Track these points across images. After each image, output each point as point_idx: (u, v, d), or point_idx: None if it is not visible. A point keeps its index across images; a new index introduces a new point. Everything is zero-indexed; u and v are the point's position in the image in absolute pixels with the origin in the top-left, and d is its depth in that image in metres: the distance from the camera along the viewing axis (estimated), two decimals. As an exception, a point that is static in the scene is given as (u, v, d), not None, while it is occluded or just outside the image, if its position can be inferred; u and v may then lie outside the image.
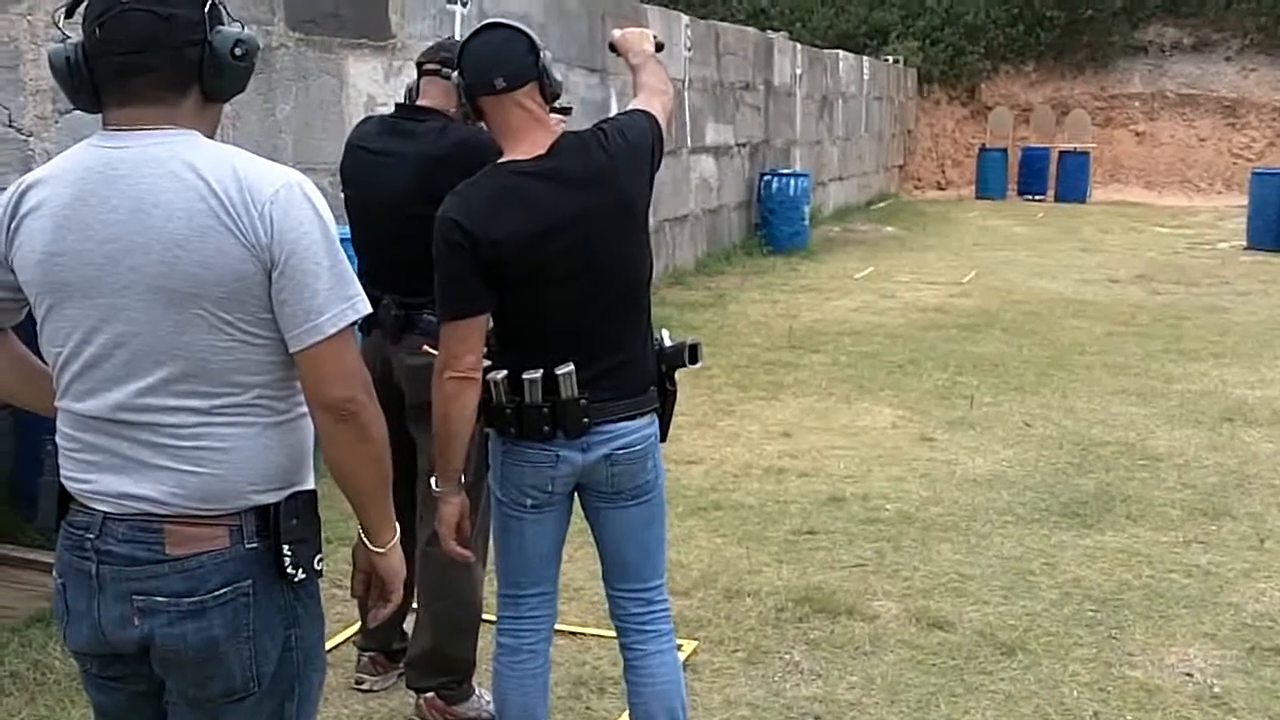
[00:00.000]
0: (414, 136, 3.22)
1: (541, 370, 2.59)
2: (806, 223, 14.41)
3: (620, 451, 2.69)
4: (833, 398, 7.36)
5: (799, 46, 16.62)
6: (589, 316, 2.63)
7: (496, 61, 2.57)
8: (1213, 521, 5.09)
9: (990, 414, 6.92)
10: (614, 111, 10.46)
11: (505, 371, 2.62)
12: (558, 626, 3.06)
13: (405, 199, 3.07)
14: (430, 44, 3.68)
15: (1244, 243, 15.10)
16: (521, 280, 2.57)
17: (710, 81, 13.05)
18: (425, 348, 2.92)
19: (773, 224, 14.35)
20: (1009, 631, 3.99)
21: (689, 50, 12.33)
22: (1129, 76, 23.82)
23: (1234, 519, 5.12)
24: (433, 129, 3.21)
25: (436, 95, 3.29)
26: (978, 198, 21.84)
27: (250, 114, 6.02)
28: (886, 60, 23.14)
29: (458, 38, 3.79)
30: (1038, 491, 5.48)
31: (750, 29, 14.75)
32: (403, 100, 3.43)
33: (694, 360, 2.82)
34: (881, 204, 20.75)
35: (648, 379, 2.74)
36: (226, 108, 2.07)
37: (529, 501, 2.71)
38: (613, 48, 3.01)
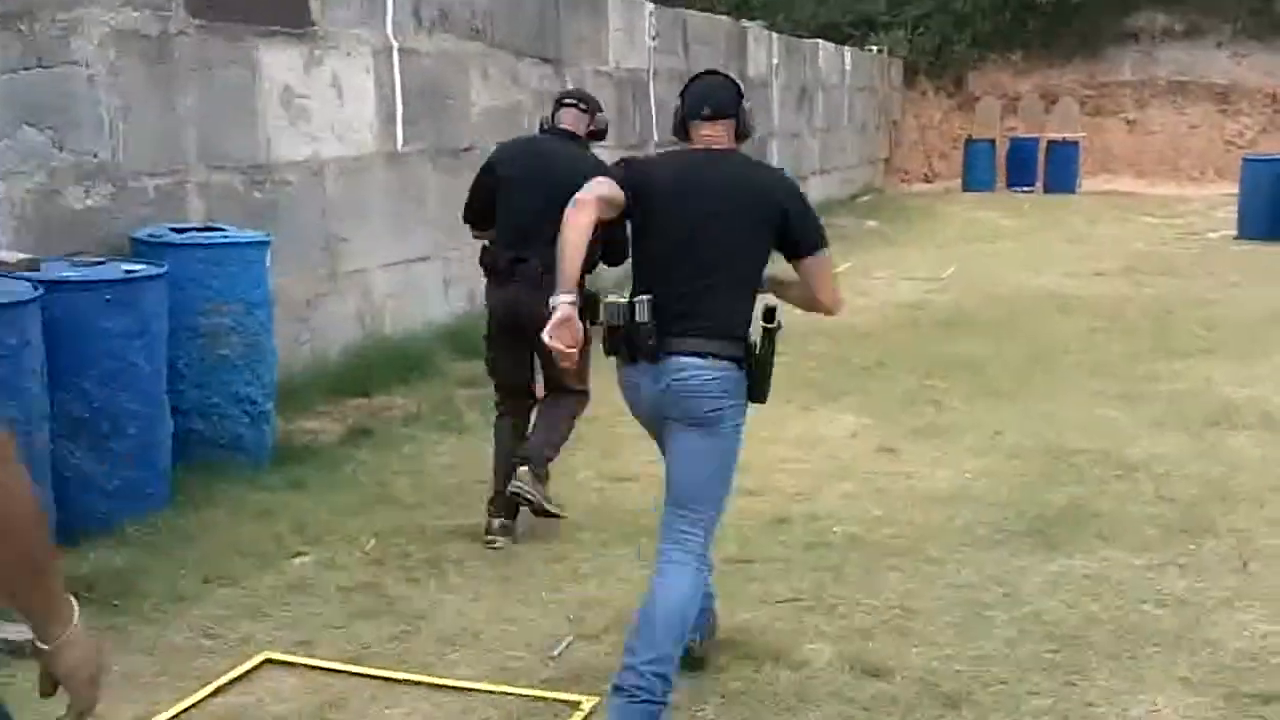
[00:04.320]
0: (565, 152, 4.69)
1: (627, 297, 3.14)
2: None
3: (678, 383, 3.11)
4: (791, 404, 6.86)
5: (775, 36, 16.14)
6: (680, 268, 3.16)
7: (710, 98, 3.36)
8: (1192, 540, 4.61)
9: (960, 421, 6.45)
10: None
11: (608, 300, 3.19)
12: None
13: (557, 193, 3.56)
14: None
15: (1234, 233, 14.64)
16: (647, 212, 3.26)
17: (678, 72, 12.53)
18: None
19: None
20: (955, 680, 3.50)
21: (654, 39, 11.85)
22: (1119, 64, 23.34)
23: (1216, 536, 4.64)
24: (585, 155, 4.71)
25: (570, 121, 4.85)
26: (965, 190, 21.33)
27: (144, 108, 5.53)
28: (870, 51, 22.66)
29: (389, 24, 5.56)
30: (1002, 508, 5.00)
31: (722, 17, 14.29)
32: (542, 124, 5.00)
33: (768, 319, 3.18)
34: (865, 198, 20.23)
35: (728, 334, 3.15)
36: (115, 100, 1.58)
37: (637, 413, 3.35)
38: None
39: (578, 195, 3.16)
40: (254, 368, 5.38)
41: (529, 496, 4.61)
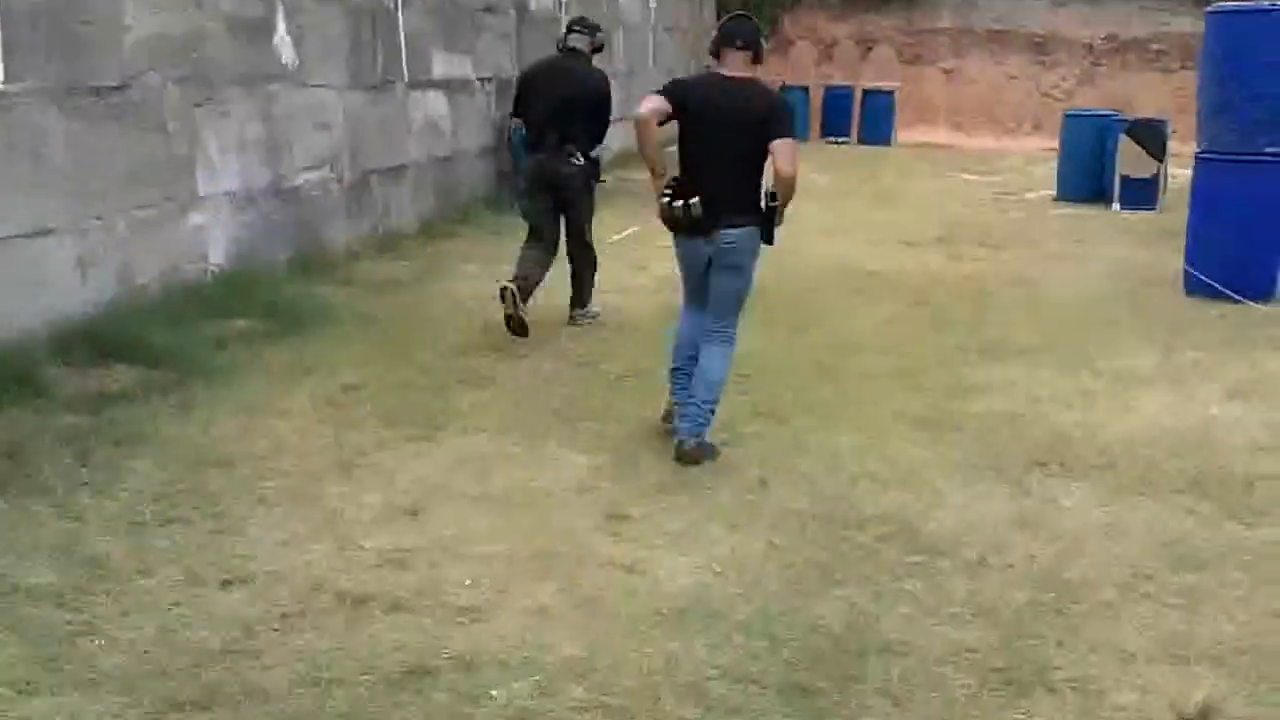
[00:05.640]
0: (577, 65, 7.08)
1: (685, 199, 4.82)
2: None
3: (725, 245, 4.90)
4: (513, 436, 5.26)
5: (563, -36, 14.33)
6: (715, 164, 4.82)
7: (739, 32, 4.90)
8: (1015, 709, 3.14)
9: (716, 462, 4.92)
10: (280, 28, 8.12)
11: (672, 198, 4.87)
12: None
13: (575, 94, 6.94)
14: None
15: (1053, 193, 13.60)
16: (690, 125, 4.89)
17: (431, 4, 10.69)
18: (571, 159, 6.89)
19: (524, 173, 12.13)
20: None
21: (402, -40, 9.95)
22: (937, 11, 22.30)
23: (1050, 691, 3.20)
24: (591, 68, 7.17)
25: (578, 43, 7.12)
26: (777, 140, 19.93)
27: None
28: (680, -12, 21.04)
29: None
30: (752, 636, 3.46)
31: (495, -60, 12.39)
32: (558, 44, 7.33)
33: (771, 198, 4.85)
34: (671, 148, 18.64)
35: (748, 206, 4.87)
36: None
37: (684, 264, 5.13)
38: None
39: (639, 112, 4.81)
40: None
41: (514, 295, 6.62)
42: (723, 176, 4.79)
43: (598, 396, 5.85)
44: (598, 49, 7.20)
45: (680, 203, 4.81)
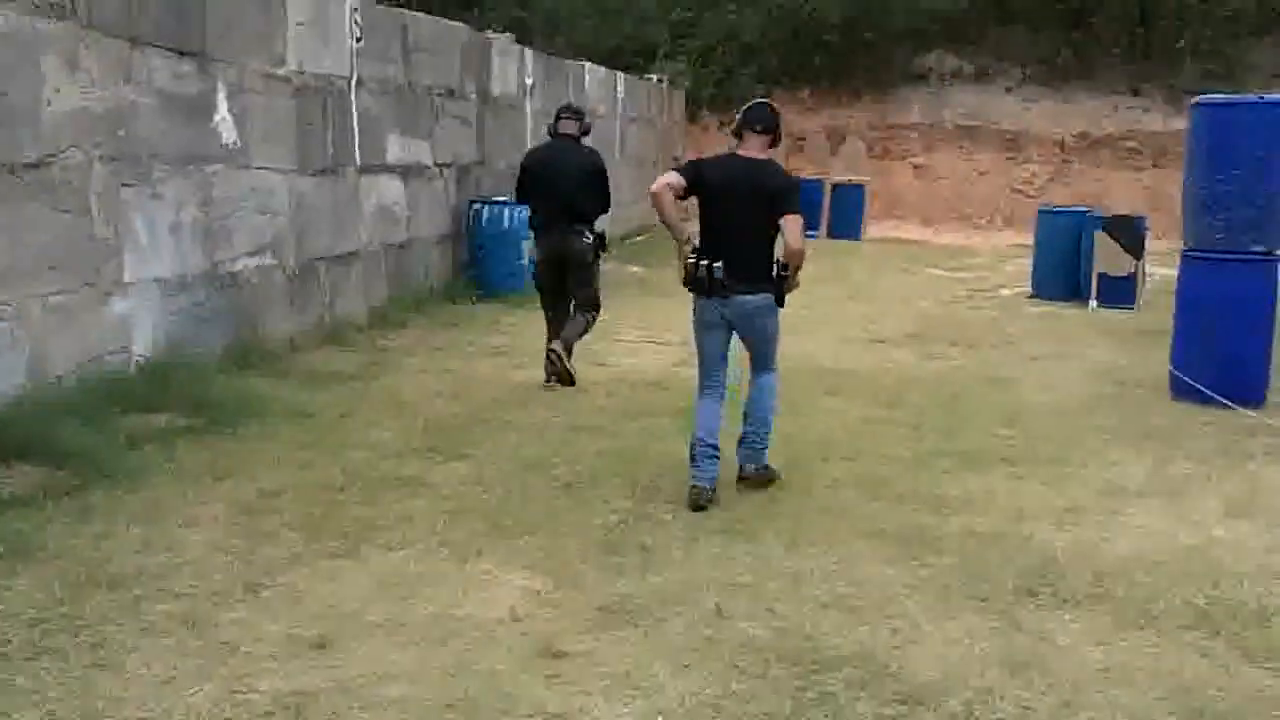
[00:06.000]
0: (574, 148, 7.93)
1: (706, 262, 5.35)
2: (524, 261, 11.74)
3: (741, 309, 5.44)
4: (443, 552, 4.72)
5: (529, 52, 14.07)
6: (731, 236, 5.38)
7: (759, 118, 5.49)
8: None
9: (670, 584, 4.41)
10: (221, 107, 7.69)
11: (697, 259, 5.38)
12: None
13: (578, 174, 7.78)
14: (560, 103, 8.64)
15: (1028, 289, 13.28)
16: (708, 201, 5.44)
17: (394, 84, 10.33)
18: (583, 237, 7.80)
19: (485, 263, 11.72)
20: None
21: (358, 40, 9.59)
22: (908, 105, 22.29)
23: None
24: (583, 148, 8.00)
25: (571, 129, 7.92)
26: (746, 232, 19.65)
27: None
28: (650, 80, 20.91)
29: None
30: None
31: (458, 24, 12.11)
32: (549, 130, 8.11)
33: (783, 268, 5.44)
34: (640, 239, 18.34)
35: (761, 275, 5.43)
36: None
37: (701, 327, 5.57)
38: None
39: (654, 187, 5.40)
40: None
41: (559, 355, 7.58)
42: (738, 246, 5.39)
43: (542, 505, 5.33)
44: (586, 131, 7.98)
45: (705, 263, 5.37)
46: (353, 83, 9.57)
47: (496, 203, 11.82)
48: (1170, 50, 20.38)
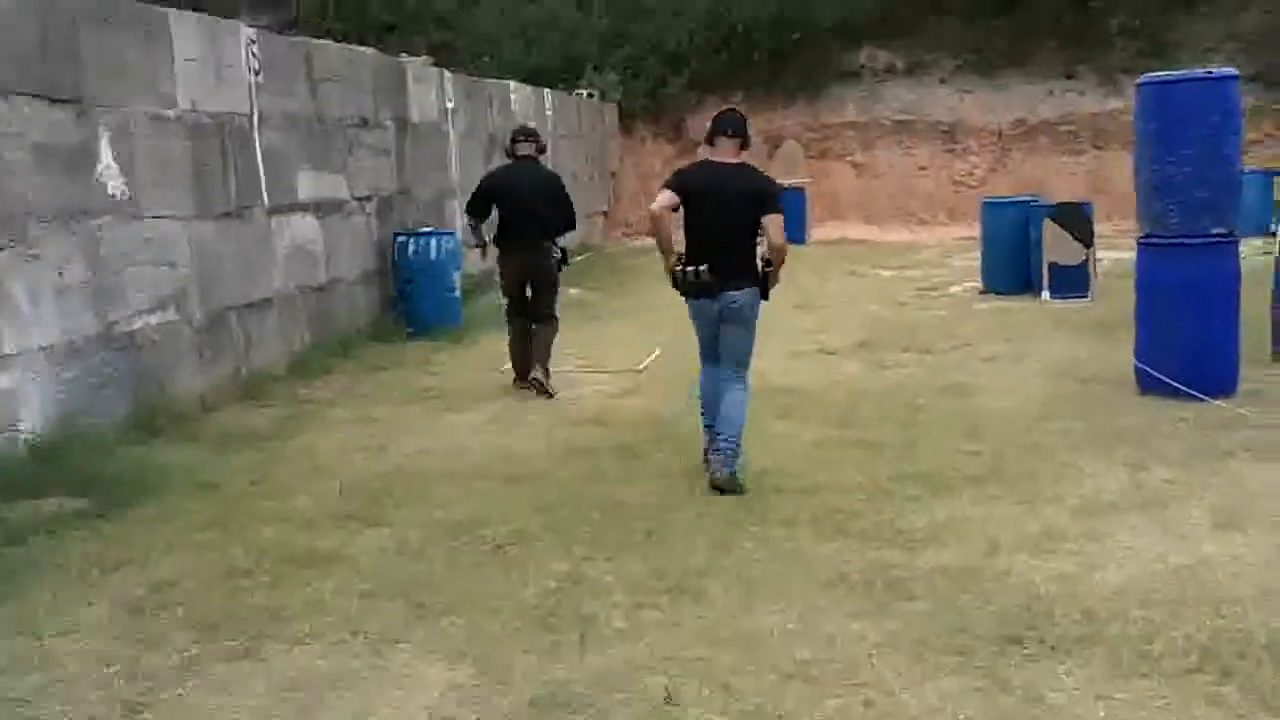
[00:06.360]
0: (534, 169, 8.28)
1: (694, 266, 5.76)
2: (456, 293, 11.23)
3: (729, 306, 5.83)
4: (358, 642, 4.18)
5: (447, 75, 13.54)
6: (717, 237, 5.77)
7: (729, 124, 5.89)
8: None
9: (613, 664, 3.89)
10: (104, 155, 7.06)
11: (684, 266, 5.80)
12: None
13: (543, 191, 8.20)
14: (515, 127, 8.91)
15: (977, 284, 12.90)
16: (693, 206, 5.75)
17: (301, 116, 9.76)
18: (550, 253, 8.26)
19: (413, 298, 11.15)
20: None
21: (257, 74, 9.03)
22: (842, 104, 21.91)
23: None
24: (543, 167, 8.40)
25: (529, 149, 8.34)
26: (688, 244, 19.19)
27: None
28: (580, 95, 20.44)
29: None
30: None
31: (366, 50, 11.56)
32: (507, 152, 8.55)
33: (766, 263, 5.90)
34: (580, 258, 17.79)
35: (746, 271, 5.85)
36: None
37: (698, 322, 6.00)
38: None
39: (652, 208, 5.79)
40: None
41: (541, 381, 8.05)
42: (723, 247, 5.80)
43: (469, 576, 4.80)
44: (542, 151, 8.47)
45: (691, 268, 5.78)
46: (254, 119, 9.00)
47: (422, 234, 11.27)
48: (1102, 32, 20.16)
